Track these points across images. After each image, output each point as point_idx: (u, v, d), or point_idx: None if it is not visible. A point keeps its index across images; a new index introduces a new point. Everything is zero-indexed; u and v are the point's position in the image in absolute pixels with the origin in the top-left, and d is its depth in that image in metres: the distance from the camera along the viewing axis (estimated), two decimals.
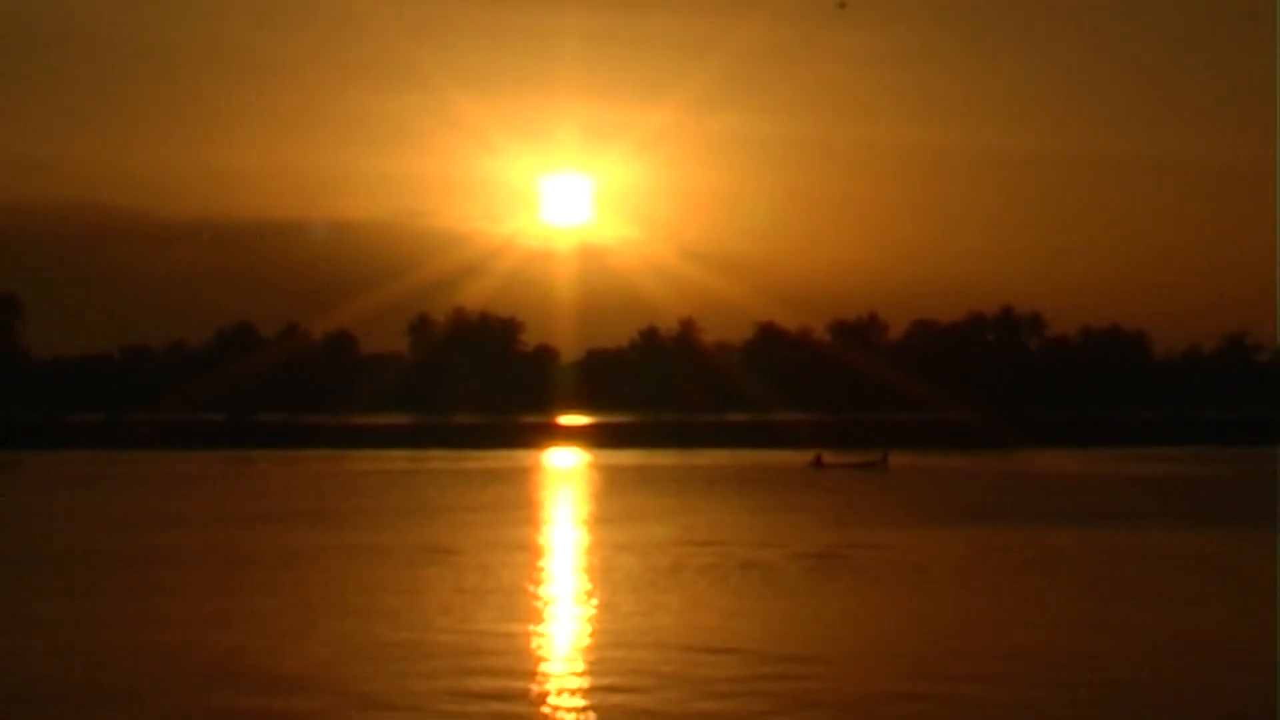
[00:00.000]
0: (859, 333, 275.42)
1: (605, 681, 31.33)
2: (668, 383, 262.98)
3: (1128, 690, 30.84)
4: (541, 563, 55.40)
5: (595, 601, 43.79)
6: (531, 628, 39.11)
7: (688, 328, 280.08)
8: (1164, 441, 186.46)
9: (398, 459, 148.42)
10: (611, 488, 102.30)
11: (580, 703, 29.49)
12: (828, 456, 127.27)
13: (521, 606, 42.96)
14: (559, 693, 30.40)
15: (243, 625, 39.50)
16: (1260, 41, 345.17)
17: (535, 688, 30.89)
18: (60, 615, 41.85)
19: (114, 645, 36.76)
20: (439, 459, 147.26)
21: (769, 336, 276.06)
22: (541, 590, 47.01)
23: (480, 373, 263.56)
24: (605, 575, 50.14)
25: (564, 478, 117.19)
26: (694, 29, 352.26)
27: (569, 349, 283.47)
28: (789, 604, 43.54)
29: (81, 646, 36.49)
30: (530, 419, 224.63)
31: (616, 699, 29.72)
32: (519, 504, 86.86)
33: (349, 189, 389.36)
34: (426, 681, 31.55)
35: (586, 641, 37.01)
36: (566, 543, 63.43)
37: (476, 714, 28.66)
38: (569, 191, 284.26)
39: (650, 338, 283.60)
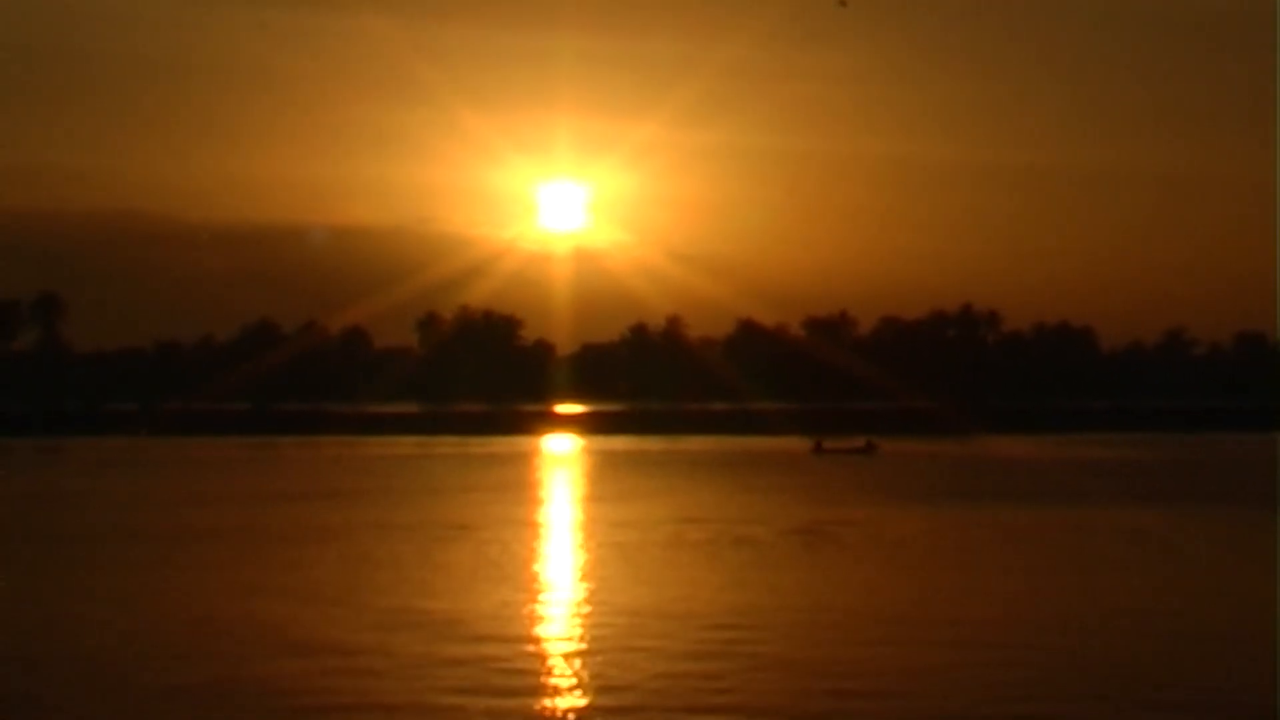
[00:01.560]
0: (831, 328, 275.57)
1: (635, 636, 31.70)
2: (656, 375, 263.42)
3: (1114, 639, 31.32)
4: (554, 539, 55.78)
5: (611, 572, 44.16)
6: (566, 594, 39.56)
7: (674, 324, 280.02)
8: (1109, 428, 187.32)
9: (408, 445, 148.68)
10: (606, 471, 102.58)
11: (617, 649, 29.82)
12: (826, 442, 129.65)
13: (551, 578, 43.41)
14: (596, 649, 30.75)
15: (289, 596, 39.83)
16: (1199, 59, 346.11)
17: (574, 648, 31.26)
18: (117, 588, 42.21)
19: (171, 615, 37.07)
20: (446, 444, 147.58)
21: (748, 332, 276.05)
22: (563, 564, 47.45)
23: (483, 366, 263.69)
24: (614, 549, 50.45)
25: (561, 461, 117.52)
26: (680, 50, 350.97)
27: (564, 344, 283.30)
28: (787, 574, 43.91)
29: (143, 616, 36.85)
30: (529, 408, 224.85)
31: (654, 644, 30.10)
32: (522, 485, 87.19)
33: (363, 196, 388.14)
34: (470, 647, 31.95)
35: (613, 607, 37.19)
36: (571, 520, 63.75)
37: (517, 676, 29.02)
38: (565, 199, 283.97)
39: (639, 333, 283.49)
